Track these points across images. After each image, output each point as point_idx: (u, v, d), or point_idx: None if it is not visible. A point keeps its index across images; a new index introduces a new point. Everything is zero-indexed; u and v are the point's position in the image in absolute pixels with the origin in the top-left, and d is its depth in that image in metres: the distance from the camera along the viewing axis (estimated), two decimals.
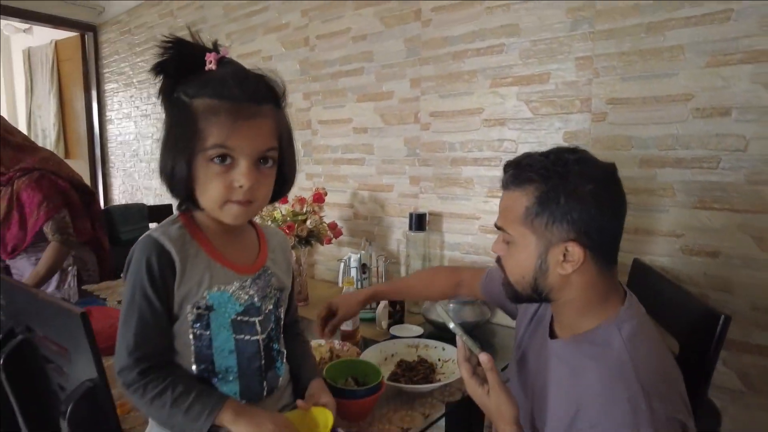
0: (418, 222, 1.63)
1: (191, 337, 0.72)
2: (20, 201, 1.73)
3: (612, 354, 0.74)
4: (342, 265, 1.72)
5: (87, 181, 3.51)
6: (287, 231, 1.57)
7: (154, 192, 3.16)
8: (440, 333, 1.35)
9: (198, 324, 0.72)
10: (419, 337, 1.33)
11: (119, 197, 3.48)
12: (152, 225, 2.05)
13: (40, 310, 0.95)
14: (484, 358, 0.80)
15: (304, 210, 1.65)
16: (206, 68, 0.68)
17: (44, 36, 3.88)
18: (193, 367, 0.73)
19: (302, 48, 2.06)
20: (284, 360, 0.83)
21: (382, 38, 1.77)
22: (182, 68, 0.68)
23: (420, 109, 1.69)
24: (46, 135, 3.93)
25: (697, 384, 0.82)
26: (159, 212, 2.59)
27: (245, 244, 0.80)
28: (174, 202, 0.77)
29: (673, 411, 0.69)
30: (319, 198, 1.67)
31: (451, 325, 0.83)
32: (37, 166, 1.76)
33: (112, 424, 0.86)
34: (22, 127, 4.32)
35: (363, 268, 1.66)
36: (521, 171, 0.80)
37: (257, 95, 0.68)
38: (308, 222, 1.60)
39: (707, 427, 0.82)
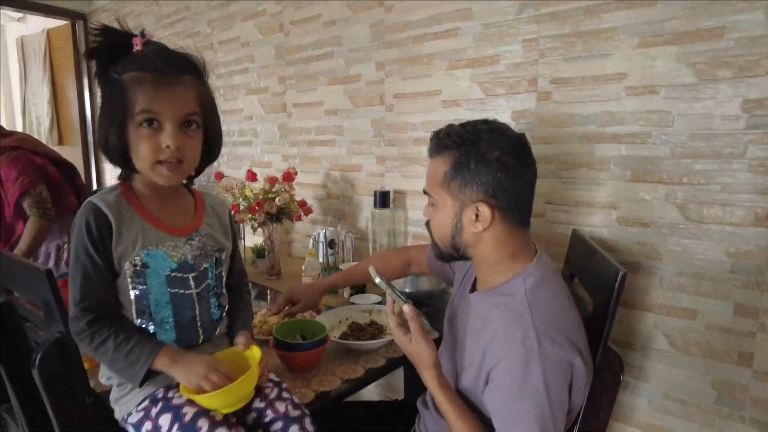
0: (382, 200, 1.72)
1: (131, 291, 0.81)
2: (1, 180, 1.81)
3: (514, 302, 0.84)
4: (311, 241, 1.81)
5: (80, 166, 3.63)
6: (257, 208, 1.66)
7: None
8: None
9: (137, 279, 0.81)
10: (377, 303, 1.42)
11: (111, 181, 3.57)
12: None
13: (14, 272, 1.04)
14: (406, 308, 0.88)
15: (275, 189, 1.74)
16: (134, 50, 0.77)
17: (37, 25, 3.94)
18: (135, 318, 0.83)
19: (278, 33, 2.14)
20: (224, 313, 0.93)
21: (349, 23, 1.84)
22: (112, 52, 0.77)
23: (385, 92, 1.77)
24: (40, 122, 4.01)
25: (603, 335, 0.91)
26: None
27: (180, 208, 0.89)
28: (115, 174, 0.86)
29: (564, 354, 0.78)
30: (288, 177, 1.76)
31: (377, 280, 0.90)
32: (12, 145, 1.84)
33: (80, 376, 0.96)
34: (17, 116, 4.42)
35: (331, 243, 1.75)
36: (441, 140, 0.89)
37: (178, 66, 0.78)
38: (277, 200, 1.68)
39: (611, 372, 0.91)
